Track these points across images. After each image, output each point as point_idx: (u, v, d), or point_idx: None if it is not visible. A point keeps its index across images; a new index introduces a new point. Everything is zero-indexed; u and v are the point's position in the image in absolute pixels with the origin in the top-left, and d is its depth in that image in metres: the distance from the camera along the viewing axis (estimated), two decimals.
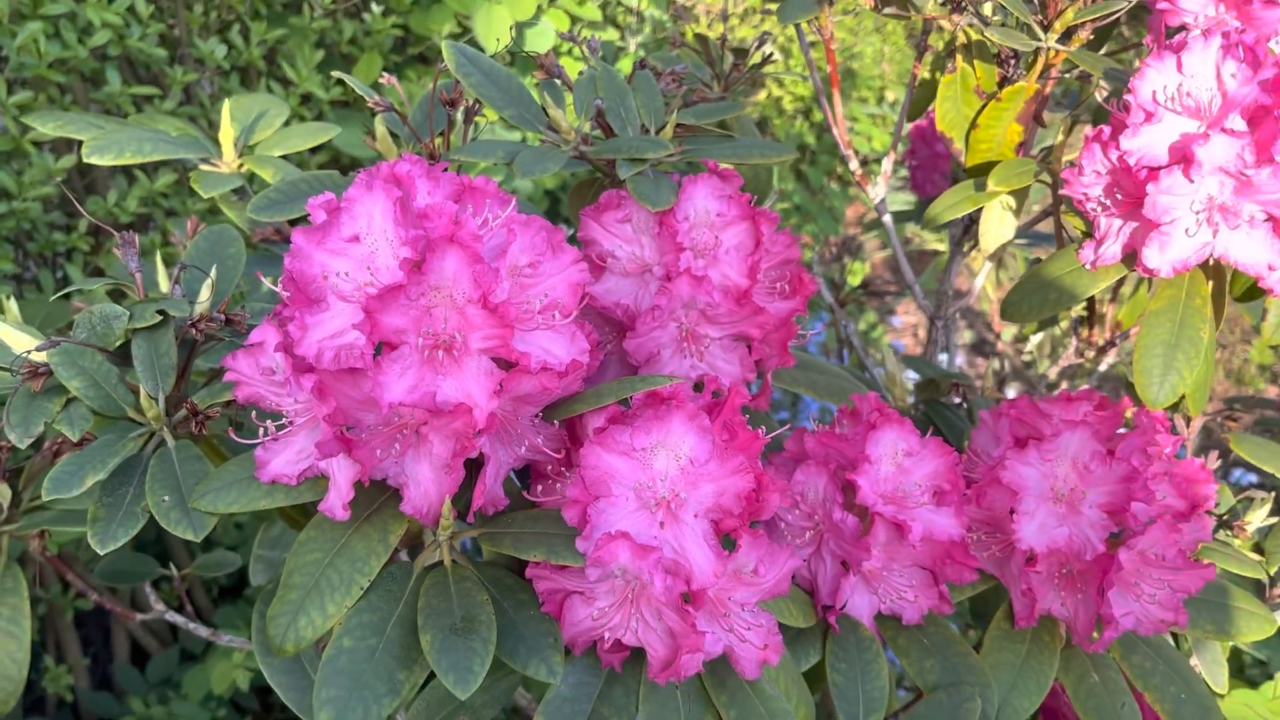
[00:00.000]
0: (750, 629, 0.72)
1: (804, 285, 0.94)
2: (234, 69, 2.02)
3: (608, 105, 0.97)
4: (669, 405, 0.70)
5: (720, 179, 0.91)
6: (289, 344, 0.67)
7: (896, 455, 0.87)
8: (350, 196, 0.68)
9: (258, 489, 0.71)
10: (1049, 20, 0.96)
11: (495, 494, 0.72)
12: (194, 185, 1.00)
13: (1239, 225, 0.82)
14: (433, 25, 2.26)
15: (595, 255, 0.92)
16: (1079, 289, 0.91)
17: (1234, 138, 0.79)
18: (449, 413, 0.67)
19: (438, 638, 0.66)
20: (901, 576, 0.88)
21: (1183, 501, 0.87)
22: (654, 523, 0.69)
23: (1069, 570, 0.87)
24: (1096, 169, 0.87)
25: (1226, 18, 1.01)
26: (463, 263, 0.66)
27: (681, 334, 0.90)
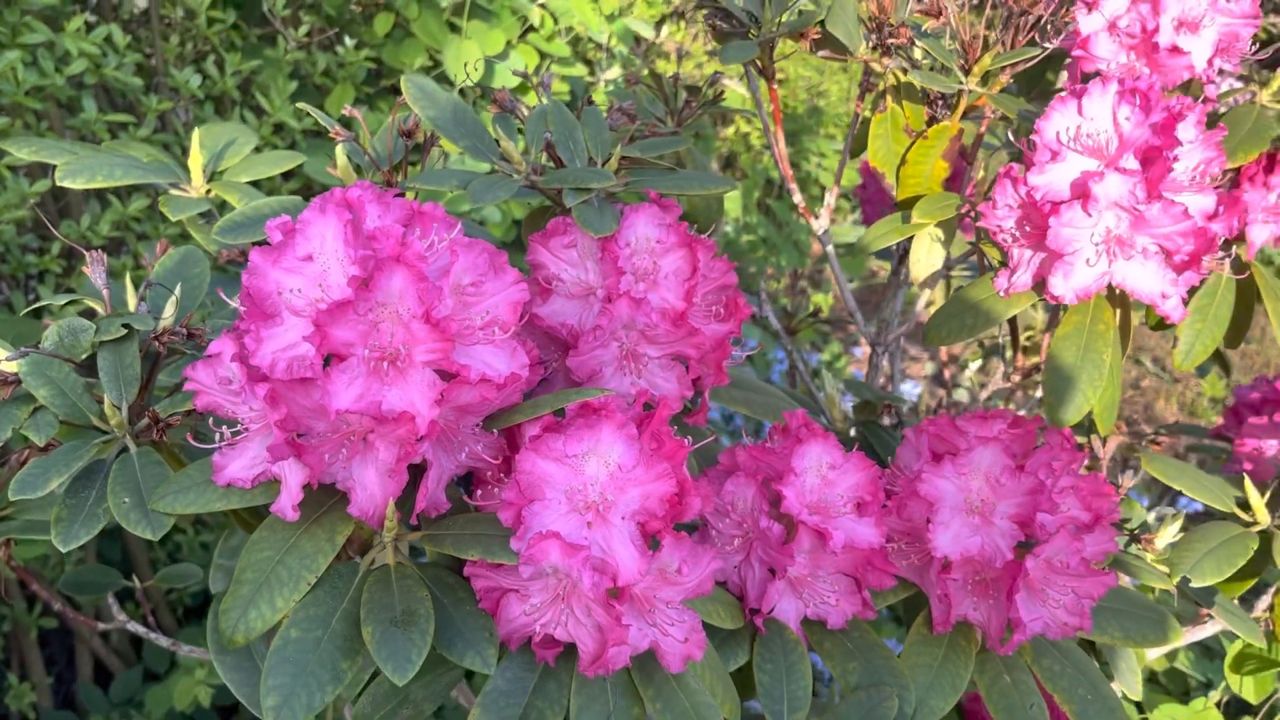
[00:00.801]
0: (674, 625, 0.77)
1: (739, 309, 1.00)
2: (208, 98, 2.08)
3: (557, 139, 1.03)
4: (600, 415, 0.75)
5: (660, 208, 0.97)
6: (245, 355, 0.72)
7: (821, 468, 0.93)
8: (305, 219, 0.73)
9: (214, 492, 0.76)
10: (969, 65, 1.03)
11: (437, 498, 0.77)
12: (163, 209, 1.05)
13: (1134, 256, 0.89)
14: (404, 58, 2.33)
15: (542, 278, 0.97)
16: (995, 314, 0.97)
17: (1127, 176, 0.86)
18: (393, 420, 0.72)
19: (378, 630, 0.70)
20: (826, 583, 0.93)
21: (1087, 514, 0.92)
22: (583, 524, 0.74)
23: (982, 578, 0.93)
24: (1009, 203, 0.94)
25: (1136, 64, 1.09)
26: (408, 281, 0.71)
27: (623, 353, 0.95)
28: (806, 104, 4.10)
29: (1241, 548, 0.99)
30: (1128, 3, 1.08)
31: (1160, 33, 1.04)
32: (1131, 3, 1.07)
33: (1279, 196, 1.09)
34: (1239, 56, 1.11)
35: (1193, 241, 0.87)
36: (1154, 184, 0.86)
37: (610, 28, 2.53)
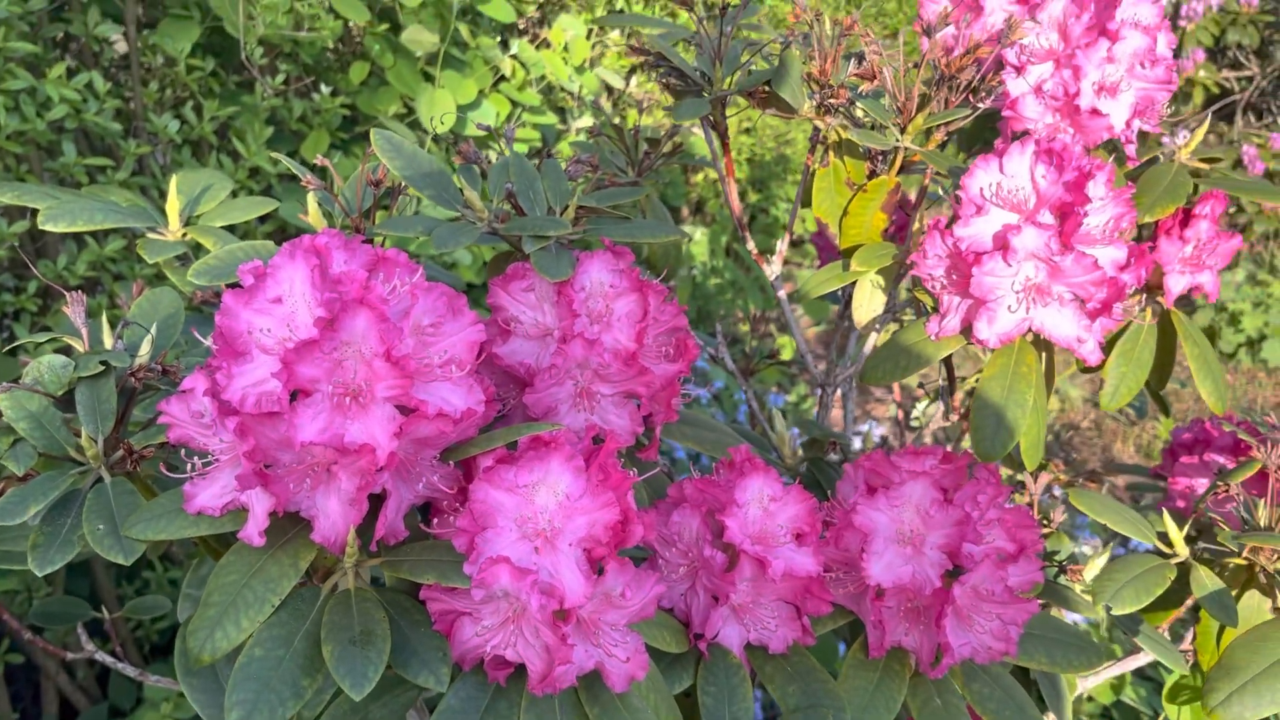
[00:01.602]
0: (618, 646, 0.82)
1: (688, 350, 1.06)
2: (186, 142, 2.13)
3: (519, 188, 1.10)
4: (549, 448, 0.80)
5: (614, 255, 1.03)
6: (216, 390, 0.77)
7: (763, 500, 0.98)
8: (275, 264, 0.79)
9: (184, 519, 0.81)
10: (905, 124, 1.11)
11: (396, 526, 0.82)
12: (140, 252, 1.10)
13: (1051, 303, 0.95)
14: (379, 105, 2.40)
15: (502, 320, 1.03)
16: (926, 356, 1.03)
17: (1043, 229, 0.93)
18: (355, 452, 0.77)
19: (337, 648, 0.75)
20: (767, 610, 0.99)
21: (1012, 545, 0.98)
22: (532, 550, 0.79)
23: (914, 605, 0.99)
24: (938, 253, 1.01)
25: (1061, 125, 1.17)
26: (370, 321, 0.77)
27: (577, 391, 1.01)
28: (774, 151, 4.20)
29: (1160, 578, 1.05)
30: (1052, 68, 1.16)
31: (1081, 96, 1.12)
32: (1055, 68, 1.15)
33: (1194, 249, 1.16)
34: (1157, 118, 1.19)
35: (1104, 290, 0.94)
36: (1068, 237, 0.93)
37: (580, 78, 2.61)
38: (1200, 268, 1.18)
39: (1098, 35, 1.12)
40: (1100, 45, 1.12)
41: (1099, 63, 1.12)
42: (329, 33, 2.17)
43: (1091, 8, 1.14)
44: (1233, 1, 4.73)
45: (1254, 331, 4.11)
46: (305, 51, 2.27)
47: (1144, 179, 1.19)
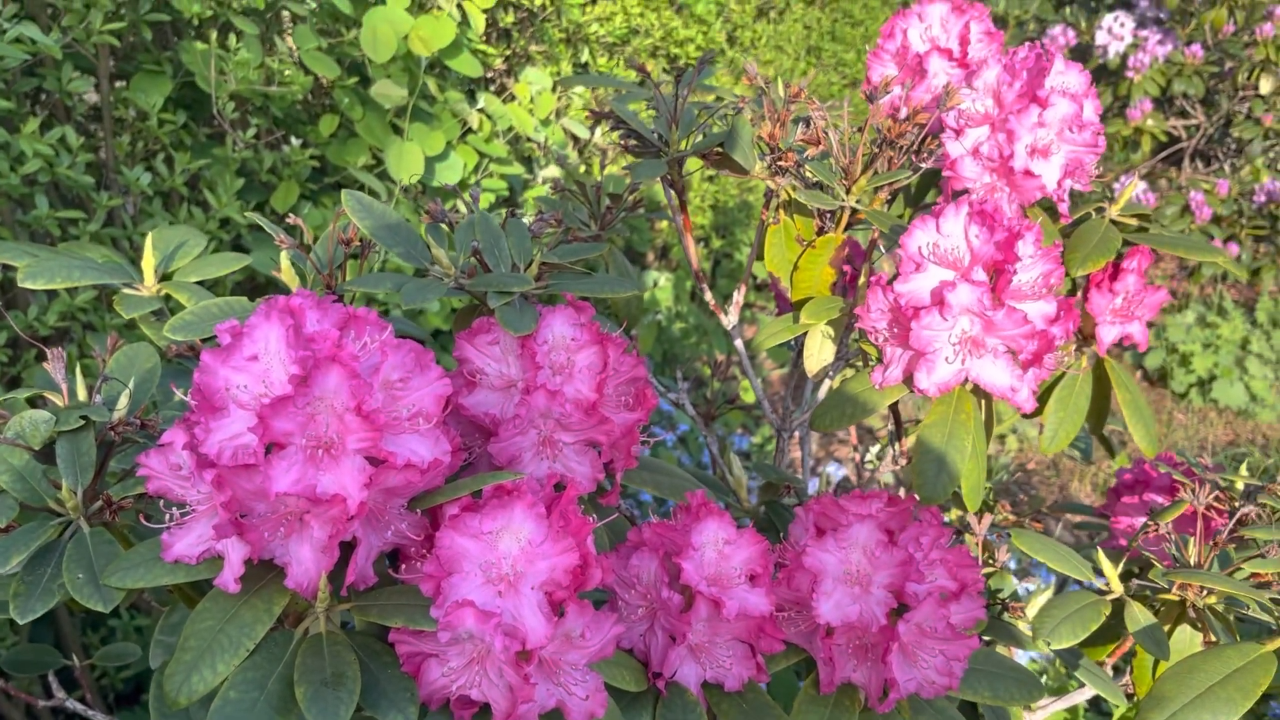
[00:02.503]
0: (578, 684, 0.86)
1: (647, 400, 1.11)
2: (157, 194, 2.17)
3: (484, 246, 1.15)
4: (512, 496, 0.85)
5: (575, 309, 1.08)
6: (195, 444, 0.81)
7: (718, 543, 1.03)
8: (251, 323, 0.83)
9: (162, 567, 0.84)
10: (849, 185, 1.17)
11: (366, 572, 0.86)
12: (117, 307, 1.14)
13: (985, 355, 1.02)
14: (348, 157, 2.45)
15: (468, 372, 1.08)
16: (871, 404, 1.09)
17: (975, 286, 0.99)
18: (327, 501, 0.81)
19: (310, 690, 0.78)
20: (723, 649, 1.03)
21: (954, 583, 1.04)
22: (496, 593, 0.83)
23: (863, 642, 1.03)
24: (880, 307, 1.07)
25: (997, 184, 1.24)
26: (342, 378, 0.81)
27: (540, 440, 1.05)
28: (737, 199, 4.29)
29: (1095, 613, 1.11)
30: (988, 131, 1.23)
31: (1015, 158, 1.19)
32: (991, 132, 1.23)
33: (1123, 300, 1.23)
34: (1087, 178, 1.27)
35: (1035, 342, 1.01)
36: (999, 293, 1.00)
37: (546, 130, 2.68)
38: (1130, 318, 1.24)
39: (1029, 101, 1.19)
40: (1031, 111, 1.19)
41: (1031, 127, 1.19)
42: (299, 87, 2.23)
43: (1024, 75, 1.22)
44: (1178, 53, 4.91)
45: (1204, 372, 4.23)
46: (276, 105, 2.32)
47: (1076, 235, 1.26)
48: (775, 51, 4.31)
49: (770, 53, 4.25)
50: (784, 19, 4.32)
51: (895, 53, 1.46)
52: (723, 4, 3.82)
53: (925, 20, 1.44)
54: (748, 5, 4.00)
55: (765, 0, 4.19)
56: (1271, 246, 4.74)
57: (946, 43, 1.42)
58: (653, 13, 3.46)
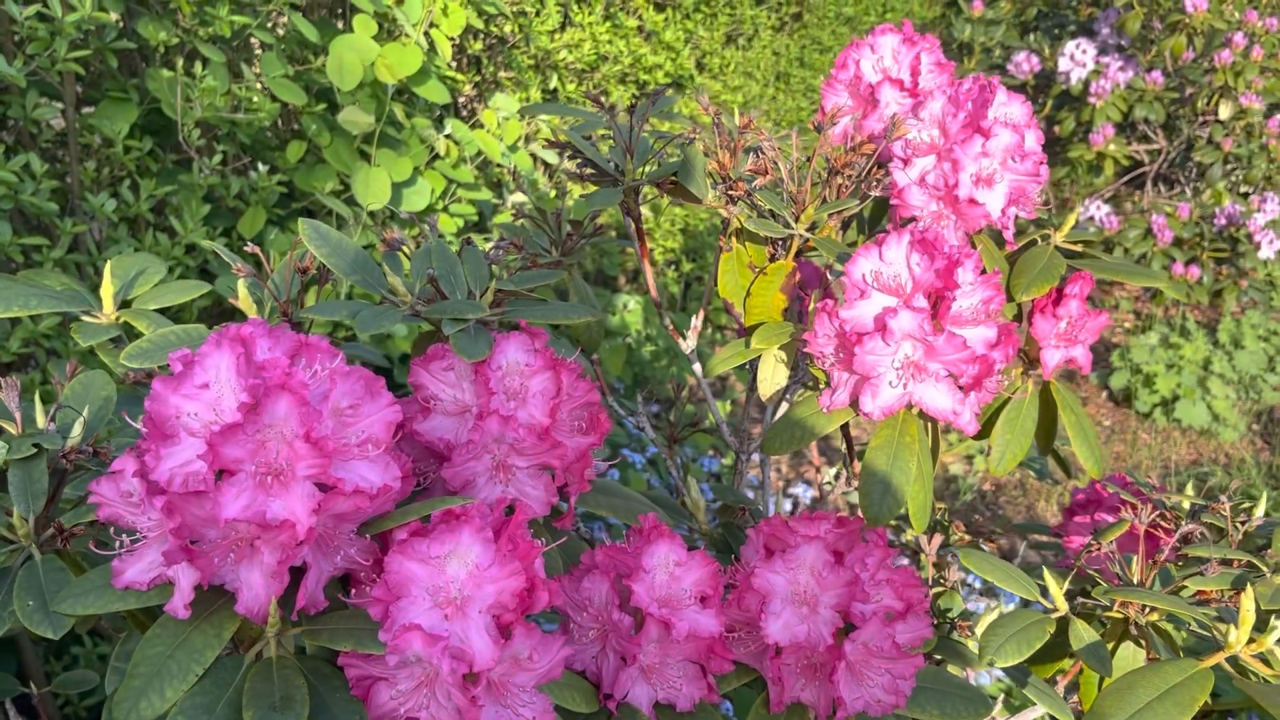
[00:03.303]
0: (525, 706, 0.88)
1: (600, 424, 1.13)
2: (123, 220, 2.17)
3: (440, 274, 1.17)
4: (460, 520, 0.86)
5: (529, 335, 1.10)
6: (145, 471, 0.82)
7: (669, 565, 1.05)
8: (202, 352, 0.84)
9: (112, 594, 0.85)
10: (799, 213, 1.20)
11: (315, 597, 0.87)
12: (74, 335, 1.15)
13: (927, 379, 1.04)
14: (316, 183, 2.46)
15: (422, 398, 1.09)
16: (819, 427, 1.11)
17: (917, 312, 1.02)
18: (276, 527, 0.82)
19: (258, 714, 0.79)
20: (675, 670, 1.04)
21: (900, 603, 1.06)
22: (444, 617, 0.84)
23: (811, 662, 1.05)
24: (827, 333, 1.09)
25: (944, 212, 1.27)
26: (291, 405, 0.82)
27: (494, 464, 1.07)
28: (707, 222, 4.33)
29: (1040, 631, 1.13)
30: (934, 161, 1.26)
31: (960, 187, 1.23)
32: (937, 161, 1.26)
33: (1067, 325, 1.27)
34: (1031, 205, 1.30)
35: (976, 367, 1.03)
36: (940, 319, 1.03)
37: (513, 156, 2.70)
38: (1074, 342, 1.28)
39: (973, 132, 1.23)
40: (975, 141, 1.22)
41: (975, 156, 1.22)
42: (266, 114, 2.24)
43: (968, 106, 1.25)
44: (1139, 79, 5.00)
45: (1167, 392, 4.29)
46: (243, 131, 2.33)
47: (1021, 261, 1.29)
48: (744, 78, 4.36)
49: (739, 79, 4.31)
50: (753, 45, 4.38)
51: (848, 82, 1.49)
52: (691, 31, 3.87)
53: (877, 51, 1.48)
54: (716, 32, 4.05)
55: (734, 27, 4.24)
56: (1233, 268, 4.83)
57: (898, 73, 1.46)
58: (621, 40, 3.50)
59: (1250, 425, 4.31)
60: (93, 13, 1.89)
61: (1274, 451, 4.12)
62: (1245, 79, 4.77)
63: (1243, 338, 4.57)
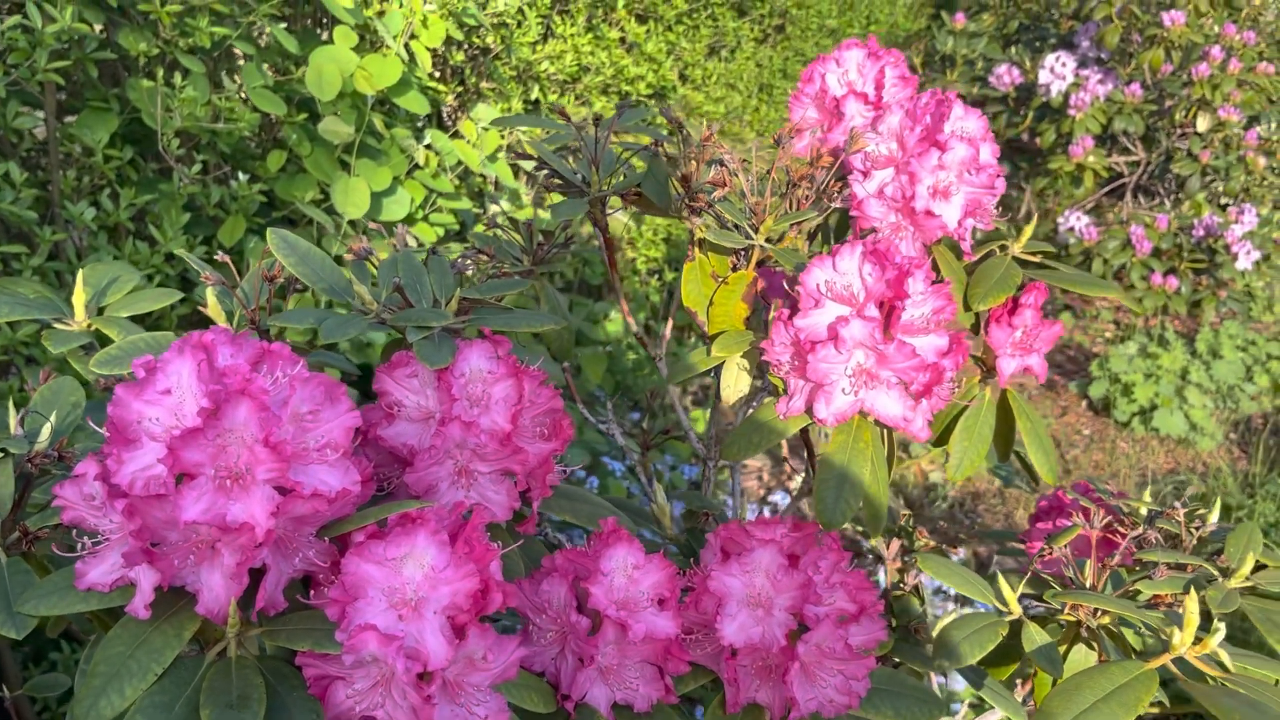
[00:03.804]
0: (480, 705, 0.90)
1: (563, 430, 1.15)
2: (102, 228, 2.19)
3: (406, 283, 1.19)
4: (416, 523, 0.89)
5: (492, 343, 1.12)
6: (107, 474, 0.84)
7: (627, 568, 1.07)
8: (165, 358, 0.87)
9: (75, 595, 0.87)
10: (757, 224, 1.23)
11: (275, 598, 0.89)
12: (45, 343, 1.17)
13: (879, 387, 1.07)
14: (296, 192, 2.48)
15: (387, 404, 1.11)
16: (775, 433, 1.14)
17: (868, 321, 1.04)
18: (236, 529, 0.84)
19: (215, 712, 0.81)
20: (633, 671, 1.07)
21: (853, 605, 1.08)
22: (399, 617, 0.86)
23: (766, 663, 1.07)
24: (783, 341, 1.12)
25: (902, 223, 1.30)
26: (251, 410, 0.85)
27: (457, 470, 1.09)
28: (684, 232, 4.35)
29: (992, 634, 1.15)
30: (892, 173, 1.29)
31: (917, 199, 1.25)
32: (895, 173, 1.29)
33: (1022, 334, 1.29)
34: (989, 217, 1.33)
35: (926, 374, 1.06)
36: (891, 327, 1.05)
37: (492, 166, 2.73)
38: (1029, 351, 1.30)
39: (929, 145, 1.25)
40: (932, 154, 1.25)
41: (931, 169, 1.25)
42: (246, 124, 2.26)
43: (925, 120, 1.28)
44: (1118, 92, 5.05)
45: (1145, 401, 4.33)
46: (223, 141, 2.35)
47: (979, 272, 1.32)
48: (727, 89, 4.39)
49: (722, 90, 4.34)
50: (735, 57, 4.41)
51: (815, 96, 1.52)
52: (674, 43, 3.90)
53: (843, 65, 1.51)
54: (699, 44, 4.09)
55: (716, 38, 4.28)
56: (1211, 279, 4.87)
57: (863, 87, 1.49)
58: (603, 51, 3.53)
59: (1227, 434, 4.35)
60: (73, 24, 1.92)
61: (1250, 460, 4.16)
62: (1223, 92, 4.82)
63: (1220, 348, 4.61)
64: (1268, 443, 4.25)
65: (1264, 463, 4.11)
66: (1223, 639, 1.08)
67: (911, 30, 6.76)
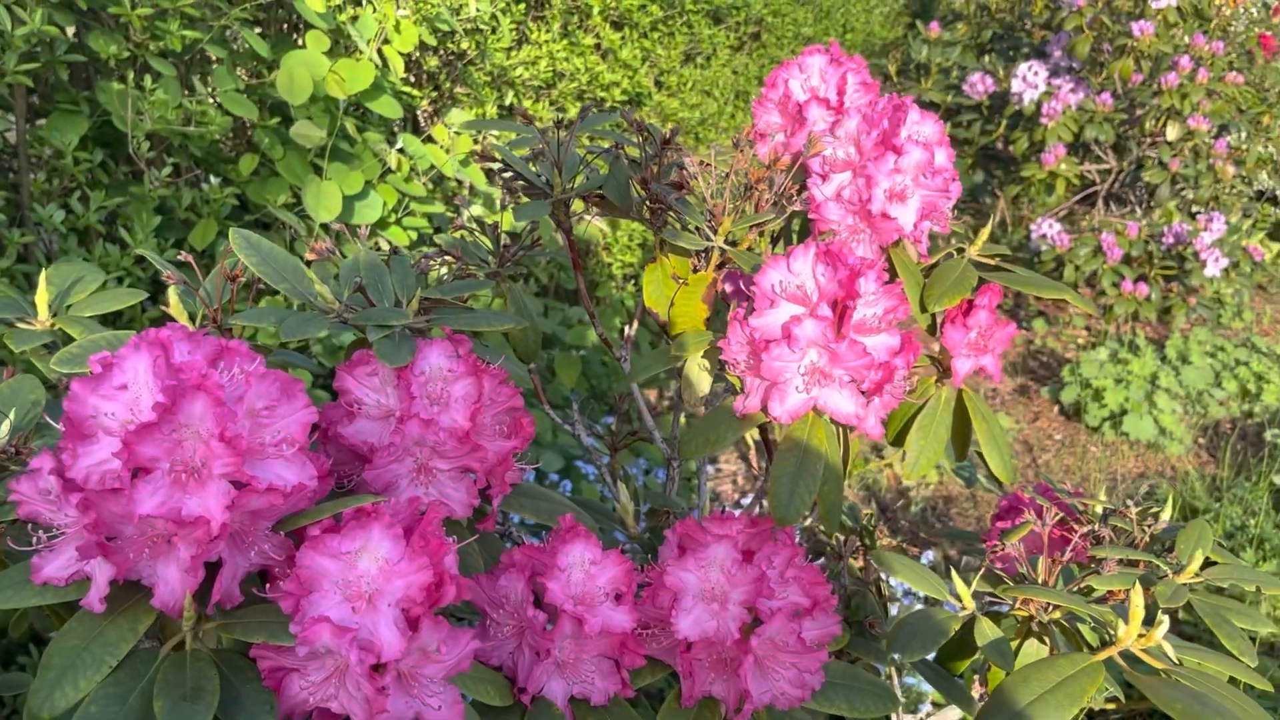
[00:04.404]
0: (433, 696, 0.91)
1: (523, 429, 1.16)
2: (72, 230, 2.19)
3: (368, 282, 1.20)
4: (370, 517, 0.90)
5: (451, 342, 1.14)
6: (62, 469, 0.85)
7: (584, 564, 1.08)
8: (121, 354, 0.88)
9: (31, 589, 0.87)
10: (715, 226, 1.25)
11: (231, 592, 0.90)
12: (6, 342, 1.18)
13: (831, 385, 1.09)
14: (268, 195, 2.49)
15: (348, 403, 1.12)
16: (732, 431, 1.16)
17: (820, 320, 1.06)
18: (191, 523, 0.85)
19: (168, 704, 0.82)
20: (590, 665, 1.08)
21: (807, 600, 1.10)
22: (352, 609, 0.88)
23: (722, 656, 1.09)
24: (740, 340, 1.14)
25: (860, 226, 1.32)
26: (207, 405, 0.86)
27: (417, 467, 1.10)
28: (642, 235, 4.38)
29: (945, 628, 1.18)
30: (850, 177, 1.31)
31: (874, 202, 1.28)
32: (853, 177, 1.31)
33: (977, 335, 1.32)
34: (945, 220, 1.36)
35: (878, 373, 1.08)
36: (844, 326, 1.07)
37: (465, 171, 2.74)
38: (984, 351, 1.33)
39: (886, 149, 1.28)
40: (888, 158, 1.27)
41: (888, 173, 1.27)
42: (218, 128, 2.27)
43: (882, 124, 1.30)
44: (1090, 101, 5.11)
45: (1116, 407, 4.38)
46: (194, 144, 2.35)
47: (936, 273, 1.34)
48: (702, 96, 4.42)
49: (697, 96, 4.37)
50: (711, 64, 4.44)
51: (779, 101, 1.54)
52: (649, 50, 3.93)
53: (805, 71, 1.53)
54: (674, 51, 4.12)
55: (692, 46, 4.31)
56: (1181, 286, 4.93)
57: (825, 93, 1.51)
58: (578, 57, 3.55)
59: (1196, 439, 4.40)
60: (43, 26, 1.92)
61: (1219, 465, 4.21)
62: (1192, 101, 4.89)
63: (1190, 354, 4.67)
64: (1235, 447, 4.31)
65: (1231, 467, 4.16)
66: (1172, 633, 1.11)
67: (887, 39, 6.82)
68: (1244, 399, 4.59)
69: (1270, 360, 4.74)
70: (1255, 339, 4.89)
